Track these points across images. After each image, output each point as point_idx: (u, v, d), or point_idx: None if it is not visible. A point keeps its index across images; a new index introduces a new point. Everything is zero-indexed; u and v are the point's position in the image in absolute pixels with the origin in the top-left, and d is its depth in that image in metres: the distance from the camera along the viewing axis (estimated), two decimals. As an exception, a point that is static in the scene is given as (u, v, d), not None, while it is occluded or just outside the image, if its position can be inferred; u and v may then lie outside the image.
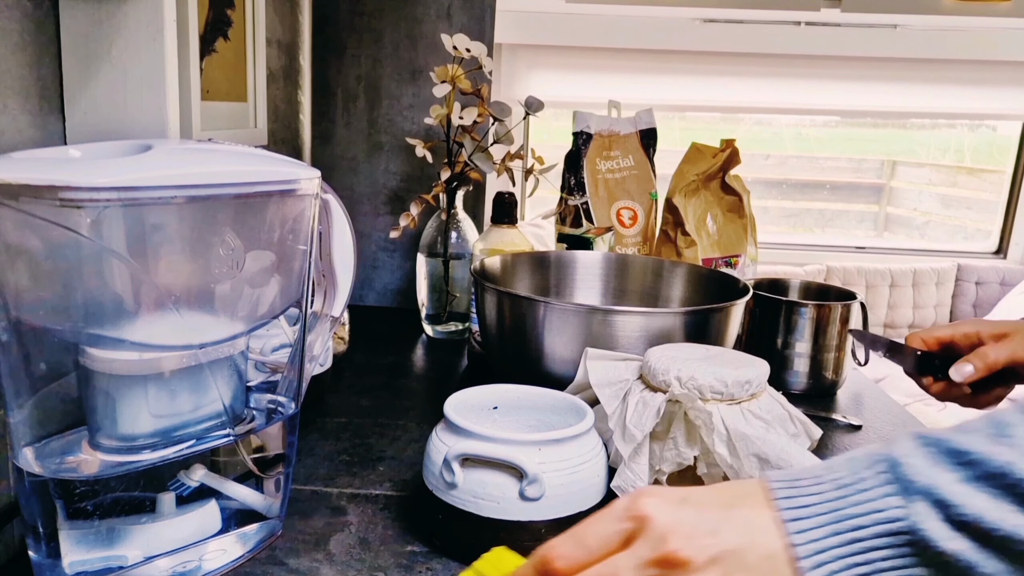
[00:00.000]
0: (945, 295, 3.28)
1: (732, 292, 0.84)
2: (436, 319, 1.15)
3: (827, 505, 0.38)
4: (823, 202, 3.88)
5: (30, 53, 0.63)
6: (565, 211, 1.20)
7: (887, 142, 3.82)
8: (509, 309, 0.80)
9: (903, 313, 3.26)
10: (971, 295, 3.27)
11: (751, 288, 0.84)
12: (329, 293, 0.64)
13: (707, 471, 0.56)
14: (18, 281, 0.47)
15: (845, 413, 0.94)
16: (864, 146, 3.87)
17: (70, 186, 0.43)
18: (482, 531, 0.57)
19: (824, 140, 3.85)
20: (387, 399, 0.91)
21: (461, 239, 1.13)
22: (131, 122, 0.67)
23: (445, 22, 1.20)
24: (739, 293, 0.81)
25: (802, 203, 3.88)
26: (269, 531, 0.61)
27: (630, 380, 0.62)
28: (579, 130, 1.20)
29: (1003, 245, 3.35)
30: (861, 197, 3.96)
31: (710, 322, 0.76)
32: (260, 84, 0.98)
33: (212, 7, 0.85)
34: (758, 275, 1.16)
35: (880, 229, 3.90)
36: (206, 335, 0.52)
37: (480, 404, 0.66)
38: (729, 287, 0.86)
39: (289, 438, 0.61)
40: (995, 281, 3.24)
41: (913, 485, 0.37)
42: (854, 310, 1.00)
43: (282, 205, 0.55)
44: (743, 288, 0.83)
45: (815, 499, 0.38)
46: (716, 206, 1.17)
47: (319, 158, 1.25)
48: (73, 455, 0.51)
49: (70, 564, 0.50)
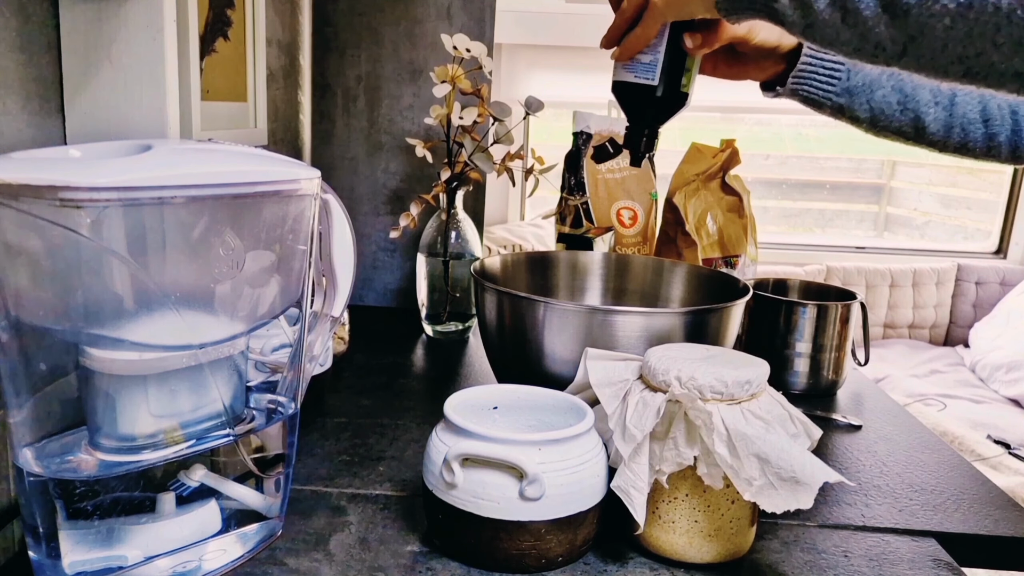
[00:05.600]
0: (945, 295, 3.28)
1: (732, 292, 0.84)
2: (436, 319, 1.15)
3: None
4: (823, 202, 3.88)
5: (30, 53, 0.63)
6: (565, 211, 1.20)
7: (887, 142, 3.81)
8: (509, 309, 0.80)
9: (903, 313, 3.26)
10: (971, 295, 3.27)
11: (751, 288, 0.84)
12: (329, 293, 0.64)
13: (707, 471, 0.56)
14: (18, 281, 0.47)
15: (845, 413, 0.94)
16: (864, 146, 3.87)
17: (70, 186, 0.43)
18: (482, 531, 0.57)
19: (824, 140, 3.85)
20: (387, 399, 0.91)
21: (461, 239, 1.13)
22: (131, 122, 0.67)
23: (445, 22, 1.20)
24: (739, 293, 0.81)
25: (802, 203, 3.88)
26: (269, 531, 0.61)
27: (630, 380, 0.62)
28: (579, 130, 1.20)
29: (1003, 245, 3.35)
30: (861, 197, 3.96)
31: (710, 322, 0.76)
32: (260, 84, 0.98)
33: (212, 7, 0.85)
34: (758, 275, 1.16)
35: (880, 229, 3.90)
36: (206, 335, 0.52)
37: (480, 404, 0.66)
38: (729, 287, 0.86)
39: (289, 438, 0.61)
40: (995, 281, 3.24)
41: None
42: (854, 310, 1.00)
43: (282, 205, 0.55)
44: (743, 288, 0.83)
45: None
46: (716, 206, 1.17)
47: (319, 158, 1.25)
48: (73, 455, 0.51)
49: (70, 564, 0.50)
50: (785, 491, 0.54)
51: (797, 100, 0.77)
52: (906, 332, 3.29)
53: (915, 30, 0.48)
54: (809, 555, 0.63)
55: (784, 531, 0.66)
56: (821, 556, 0.63)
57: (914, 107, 0.74)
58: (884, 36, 0.50)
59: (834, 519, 0.69)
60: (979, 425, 2.39)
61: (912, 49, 0.49)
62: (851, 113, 0.76)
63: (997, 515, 0.71)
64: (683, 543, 0.59)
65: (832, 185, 3.89)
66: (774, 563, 0.62)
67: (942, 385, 2.80)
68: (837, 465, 0.79)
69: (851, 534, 0.66)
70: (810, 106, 0.77)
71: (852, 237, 3.78)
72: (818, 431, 0.61)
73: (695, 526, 0.59)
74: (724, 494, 0.58)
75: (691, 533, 0.59)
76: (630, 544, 0.62)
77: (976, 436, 2.20)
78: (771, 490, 0.54)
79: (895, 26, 0.49)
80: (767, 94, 0.80)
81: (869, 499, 0.73)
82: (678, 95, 0.73)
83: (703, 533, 0.59)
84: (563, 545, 0.58)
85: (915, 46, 0.49)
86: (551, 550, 0.57)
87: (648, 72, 0.71)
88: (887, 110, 0.75)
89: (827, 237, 3.74)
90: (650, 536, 0.61)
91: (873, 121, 0.76)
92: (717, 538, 0.59)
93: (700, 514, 0.59)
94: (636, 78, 0.72)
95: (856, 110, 0.75)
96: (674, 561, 0.60)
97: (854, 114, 0.76)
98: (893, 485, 0.76)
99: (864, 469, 0.79)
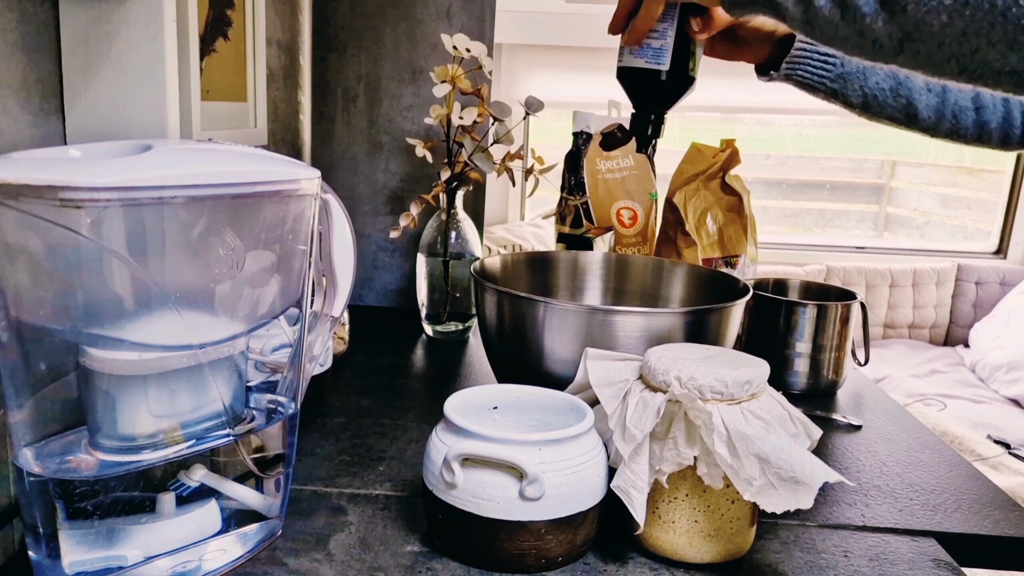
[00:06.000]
0: (945, 295, 3.28)
1: (732, 292, 0.84)
2: (436, 319, 1.15)
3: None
4: (823, 202, 3.88)
5: (30, 53, 0.63)
6: (565, 211, 1.20)
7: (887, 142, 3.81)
8: (509, 309, 0.80)
9: (903, 313, 3.26)
10: (971, 295, 3.27)
11: (751, 288, 0.84)
12: (329, 293, 0.64)
13: (707, 471, 0.56)
14: (18, 281, 0.47)
15: (845, 413, 0.94)
16: (864, 146, 3.87)
17: (70, 186, 0.43)
18: (482, 531, 0.57)
19: (824, 140, 3.85)
20: (387, 399, 0.91)
21: (461, 239, 1.13)
22: (131, 122, 0.67)
23: (445, 22, 1.20)
24: (739, 293, 0.81)
25: (802, 203, 3.88)
26: (269, 531, 0.61)
27: (630, 380, 0.62)
28: (579, 130, 1.20)
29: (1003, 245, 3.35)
30: (861, 197, 3.96)
31: (710, 322, 0.76)
32: (260, 84, 0.98)
33: (212, 7, 0.85)
34: (758, 275, 1.16)
35: (880, 229, 3.89)
36: (206, 335, 0.52)
37: (480, 404, 0.66)
38: (729, 287, 0.86)
39: (289, 438, 0.61)
40: (995, 281, 3.24)
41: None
42: (854, 310, 1.00)
43: (282, 205, 0.55)
44: (743, 288, 0.83)
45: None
46: (716, 206, 1.17)
47: (319, 158, 1.25)
48: (73, 455, 0.51)
49: (70, 564, 0.50)
50: (785, 491, 0.54)
51: (791, 84, 0.79)
52: (906, 332, 3.29)
53: (911, 27, 0.49)
54: (809, 555, 0.63)
55: (784, 531, 0.66)
56: (821, 556, 0.63)
57: (907, 93, 0.76)
58: (881, 33, 0.50)
59: (834, 519, 0.69)
60: (979, 425, 2.39)
61: (909, 46, 0.50)
62: (844, 98, 0.77)
63: (997, 515, 0.71)
64: (683, 543, 0.59)
65: (832, 185, 3.89)
66: (774, 563, 0.62)
67: (942, 385, 2.80)
68: (837, 465, 0.79)
69: (851, 534, 0.66)
70: (804, 90, 0.79)
71: (852, 237, 3.78)
72: (818, 431, 0.61)
73: (695, 526, 0.59)
74: (724, 494, 0.58)
75: (691, 533, 0.59)
76: (630, 544, 0.62)
77: (976, 436, 2.20)
78: (771, 490, 0.54)
79: (892, 23, 0.49)
80: (762, 77, 0.81)
81: (869, 499, 0.73)
82: (686, 78, 0.74)
83: (703, 533, 0.59)
84: (563, 545, 0.58)
85: (912, 43, 0.49)
86: (551, 550, 0.57)
87: (658, 57, 0.72)
88: (880, 96, 0.76)
89: (827, 237, 3.74)
90: (650, 536, 0.61)
91: (866, 106, 0.78)
92: (717, 538, 0.59)
93: (700, 514, 0.59)
94: (647, 63, 0.73)
95: (849, 95, 0.77)
96: (674, 561, 0.60)
97: (847, 99, 0.77)
98: (893, 485, 0.76)
99: (864, 469, 0.79)
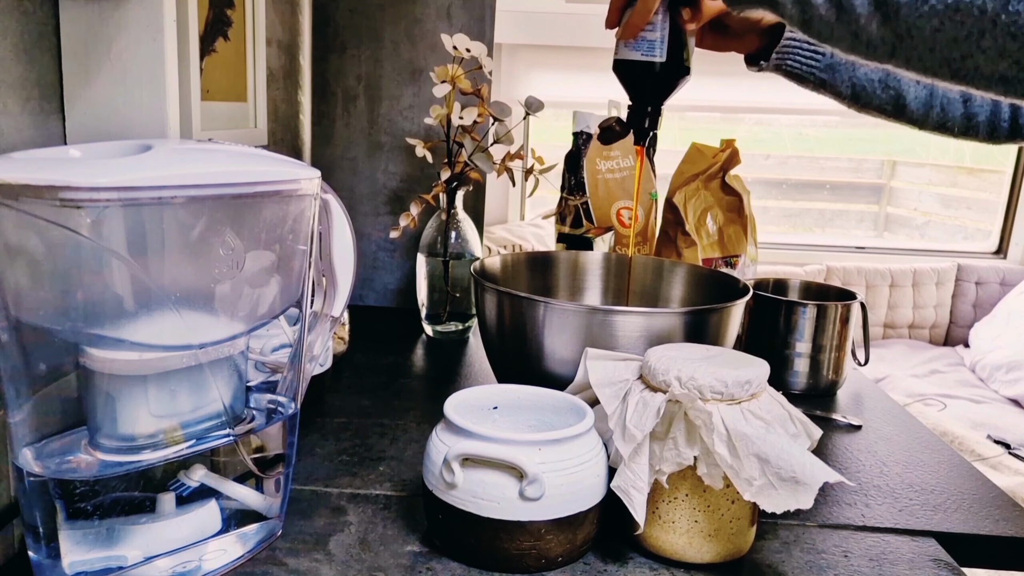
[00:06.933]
0: (945, 295, 3.28)
1: (732, 292, 0.84)
2: (436, 319, 1.15)
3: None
4: (823, 202, 3.88)
5: (30, 53, 0.63)
6: (565, 211, 1.20)
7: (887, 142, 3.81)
8: (509, 309, 0.80)
9: (903, 313, 3.26)
10: (971, 295, 3.27)
11: (751, 288, 0.84)
12: (329, 293, 0.64)
13: (707, 471, 0.56)
14: (18, 281, 0.47)
15: (845, 413, 0.94)
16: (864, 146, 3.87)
17: (70, 186, 0.43)
18: (482, 531, 0.57)
19: (824, 140, 3.85)
20: (387, 399, 0.91)
21: (461, 239, 1.13)
22: (131, 122, 0.67)
23: (445, 22, 1.20)
24: (739, 293, 0.81)
25: (802, 203, 3.88)
26: (269, 531, 0.61)
27: (630, 380, 0.62)
28: (579, 130, 1.20)
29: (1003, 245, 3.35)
30: (861, 197, 3.95)
31: (710, 322, 0.76)
32: (260, 84, 0.98)
33: (212, 7, 0.85)
34: (758, 275, 1.16)
35: (880, 229, 3.89)
36: (206, 335, 0.52)
37: (480, 404, 0.66)
38: (729, 287, 0.86)
39: (289, 438, 0.61)
40: (995, 281, 3.24)
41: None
42: (854, 310, 1.00)
43: (282, 205, 0.55)
44: (743, 288, 0.83)
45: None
46: (716, 206, 1.17)
47: (319, 158, 1.25)
48: (73, 455, 0.51)
49: (70, 564, 0.50)
50: (785, 491, 0.54)
51: (780, 74, 0.79)
52: (906, 332, 3.29)
53: (904, 31, 0.49)
54: (809, 555, 0.63)
55: (784, 531, 0.66)
56: (821, 556, 0.63)
57: (896, 85, 0.76)
58: (875, 35, 0.51)
59: (834, 519, 0.69)
60: (979, 425, 2.39)
61: (901, 50, 0.50)
62: (833, 88, 0.78)
63: (997, 515, 0.71)
64: (683, 543, 0.59)
65: (832, 185, 3.89)
66: (774, 563, 0.62)
67: (942, 385, 2.80)
68: (837, 465, 0.79)
69: (851, 534, 0.66)
70: (793, 80, 0.79)
71: (852, 237, 3.78)
72: (818, 431, 0.61)
73: (695, 526, 0.59)
74: (724, 494, 0.58)
75: (691, 533, 0.59)
76: (630, 544, 0.62)
77: (976, 436, 2.20)
78: (771, 490, 0.54)
79: (886, 26, 0.50)
80: (751, 68, 0.81)
81: (869, 499, 0.73)
82: (682, 69, 0.75)
83: (703, 533, 0.59)
84: (563, 545, 0.58)
85: (904, 47, 0.50)
86: (551, 550, 0.57)
87: (653, 49, 0.73)
88: (869, 86, 0.77)
89: (827, 237, 3.74)
90: (650, 536, 0.61)
91: (855, 96, 0.78)
92: (717, 538, 0.59)
93: (700, 514, 0.59)
94: (643, 56, 0.73)
95: (838, 85, 0.77)
96: (674, 561, 0.60)
97: (836, 89, 0.78)
98: (893, 485, 0.76)
99: (864, 469, 0.79)
